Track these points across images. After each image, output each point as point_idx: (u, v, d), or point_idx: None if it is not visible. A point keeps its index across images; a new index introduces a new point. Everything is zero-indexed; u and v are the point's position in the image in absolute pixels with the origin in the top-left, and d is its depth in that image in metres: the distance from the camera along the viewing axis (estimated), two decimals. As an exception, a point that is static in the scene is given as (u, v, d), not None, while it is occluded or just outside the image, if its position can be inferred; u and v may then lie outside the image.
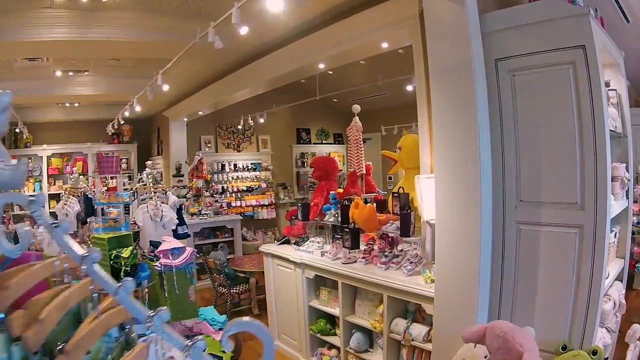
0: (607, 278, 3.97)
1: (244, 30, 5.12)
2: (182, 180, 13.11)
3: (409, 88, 8.65)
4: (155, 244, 5.07)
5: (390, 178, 14.09)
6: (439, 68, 4.13)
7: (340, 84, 11.27)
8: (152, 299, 4.82)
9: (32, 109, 13.61)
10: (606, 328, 4.49)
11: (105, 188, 12.52)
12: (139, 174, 12.78)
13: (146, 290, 5.14)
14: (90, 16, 6.87)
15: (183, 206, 11.36)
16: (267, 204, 15.15)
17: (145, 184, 6.91)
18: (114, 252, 4.42)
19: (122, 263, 4.36)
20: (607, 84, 4.69)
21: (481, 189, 3.80)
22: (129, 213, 7.09)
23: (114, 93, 11.38)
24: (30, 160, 14.06)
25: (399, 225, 5.11)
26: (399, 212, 5.15)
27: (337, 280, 5.67)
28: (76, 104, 13.40)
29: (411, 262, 5.00)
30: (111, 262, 4.38)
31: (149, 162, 8.10)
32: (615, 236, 4.96)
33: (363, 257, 5.59)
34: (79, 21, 6.87)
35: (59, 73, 9.92)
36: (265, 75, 8.45)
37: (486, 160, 3.86)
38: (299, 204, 6.85)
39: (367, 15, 5.86)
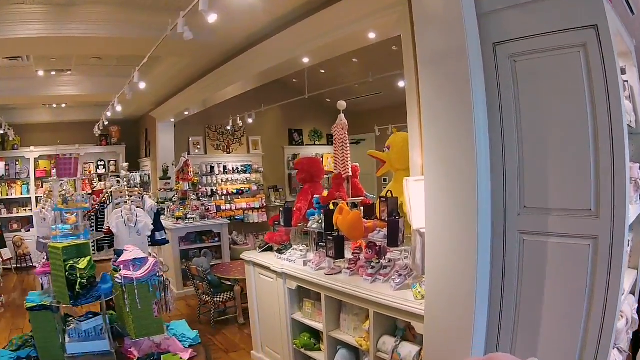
0: (622, 294, 3.40)
1: (212, 18, 4.70)
2: (169, 183, 12.80)
3: (401, 84, 8.17)
4: (119, 253, 4.58)
5: (385, 180, 13.68)
6: (428, 55, 3.57)
7: (333, 82, 10.83)
8: (119, 312, 4.52)
9: (18, 110, 13.61)
10: (618, 348, 3.95)
11: (90, 191, 12.26)
12: (109, 177, 12.59)
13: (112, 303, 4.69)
14: (65, 12, 6.56)
15: (169, 209, 11.01)
16: (258, 207, 14.95)
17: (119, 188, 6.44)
18: (70, 262, 3.97)
19: (78, 275, 3.89)
20: (623, 71, 4.12)
21: (478, 194, 3.23)
22: (102, 219, 6.64)
23: (98, 93, 11.16)
24: (17, 163, 14.12)
25: (387, 234, 4.56)
26: (386, 219, 4.60)
27: (321, 293, 5.17)
28: (63, 105, 13.27)
29: (400, 275, 4.46)
30: (66, 273, 3.91)
31: (124, 165, 7.63)
32: (627, 245, 4.37)
33: (348, 268, 5.07)
34: (54, 17, 6.58)
35: (41, 73, 9.77)
36: (251, 70, 8.10)
37: (484, 160, 3.29)
38: (281, 209, 6.44)
39: (351, 2, 5.43)
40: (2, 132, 11.61)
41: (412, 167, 4.72)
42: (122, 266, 4.06)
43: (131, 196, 6.28)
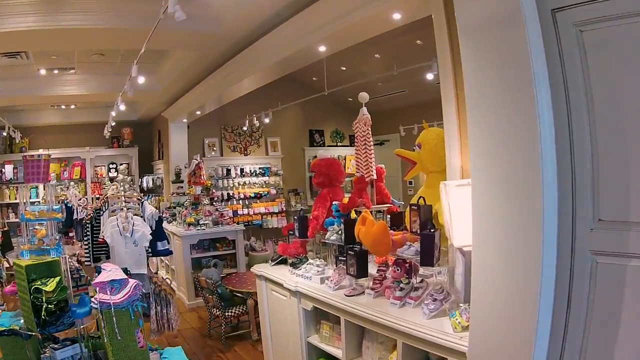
0: None
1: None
2: (182, 187, 12.35)
3: (429, 76, 7.54)
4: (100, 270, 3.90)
5: (410, 183, 13.04)
6: (472, 23, 2.84)
7: (355, 80, 10.16)
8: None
9: (26, 112, 13.42)
10: None
11: (97, 196, 11.71)
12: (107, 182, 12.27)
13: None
14: (60, 2, 6.24)
15: (181, 214, 10.39)
16: (277, 211, 14.53)
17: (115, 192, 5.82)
18: (36, 283, 3.36)
19: (44, 299, 3.24)
20: None
21: (544, 204, 2.48)
22: (98, 227, 6.04)
23: (104, 92, 10.77)
24: None
25: (419, 249, 3.82)
26: (419, 231, 3.85)
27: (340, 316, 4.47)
28: (72, 106, 13.07)
29: (434, 300, 3.70)
30: (31, 297, 3.25)
31: (122, 167, 7.05)
32: None
33: (372, 289, 4.33)
34: (48, 8, 6.24)
35: (43, 72, 9.59)
36: (264, 61, 7.56)
37: (550, 160, 2.52)
38: (295, 217, 5.78)
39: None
40: (4, 134, 11.44)
41: (449, 169, 4.04)
42: (98, 288, 3.36)
43: (128, 202, 5.60)
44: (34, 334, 3.41)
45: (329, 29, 5.81)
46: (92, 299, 3.37)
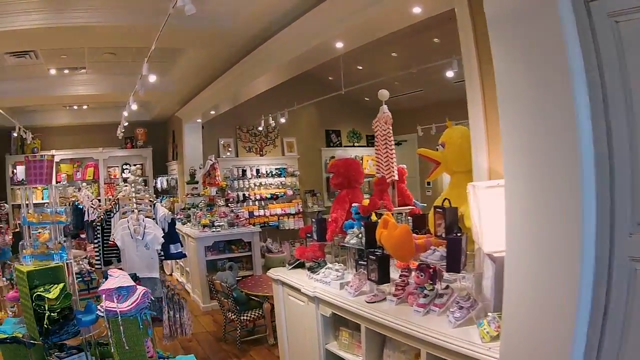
0: None
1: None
2: (196, 188, 12.25)
3: (449, 74, 7.37)
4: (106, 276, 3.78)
5: (428, 184, 12.88)
6: (502, 18, 2.68)
7: (371, 80, 10.03)
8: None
9: (38, 112, 13.40)
10: None
11: (110, 197, 11.64)
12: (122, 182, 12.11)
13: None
14: None
15: (195, 216, 10.29)
16: (293, 212, 14.39)
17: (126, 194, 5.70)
18: (39, 290, 3.18)
19: (47, 307, 3.09)
20: None
21: (582, 207, 2.31)
22: (109, 230, 5.92)
23: (116, 92, 10.75)
24: None
25: (444, 254, 3.67)
26: (444, 235, 3.70)
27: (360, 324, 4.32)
28: (85, 107, 13.06)
29: (460, 307, 3.53)
30: (33, 304, 3.11)
31: (133, 168, 6.92)
32: None
33: (395, 295, 4.17)
34: (54, 6, 6.12)
35: (53, 71, 9.48)
36: (279, 59, 7.43)
37: (588, 161, 2.35)
38: (313, 219, 5.63)
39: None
40: (15, 134, 11.37)
41: (475, 170, 3.89)
42: (104, 296, 3.22)
43: (140, 204, 5.47)
44: (37, 342, 3.29)
45: (346, 23, 5.67)
46: (99, 307, 3.24)
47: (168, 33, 5.54)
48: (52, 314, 3.17)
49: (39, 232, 3.80)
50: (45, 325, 3.15)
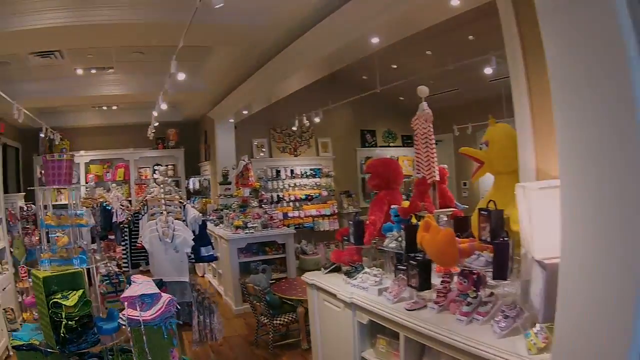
0: None
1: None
2: (229, 189, 12.12)
3: (488, 71, 7.24)
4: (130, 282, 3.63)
5: (464, 184, 12.62)
6: (554, 5, 2.48)
7: (405, 79, 9.87)
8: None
9: (67, 113, 13.50)
10: None
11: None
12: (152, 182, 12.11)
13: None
14: None
15: (228, 217, 10.18)
16: (328, 214, 14.29)
17: (154, 195, 5.57)
18: (56, 297, 3.03)
19: (64, 315, 2.94)
20: None
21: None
22: (137, 232, 5.82)
23: (145, 92, 10.70)
24: None
25: (489, 259, 3.47)
26: (489, 239, 3.50)
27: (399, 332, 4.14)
28: (114, 107, 13.08)
29: (506, 317, 3.33)
30: (49, 312, 2.97)
31: (162, 168, 6.80)
32: None
33: (436, 302, 3.98)
34: (77, 3, 6.02)
35: (80, 71, 9.46)
36: (313, 55, 7.27)
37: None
38: (350, 221, 5.47)
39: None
40: (42, 135, 11.26)
41: (522, 170, 3.69)
42: (126, 303, 3.06)
43: (169, 205, 5.34)
44: (54, 351, 3.15)
45: (382, 17, 5.49)
46: (121, 315, 3.09)
47: (197, 30, 5.45)
48: (70, 322, 3.04)
49: (57, 236, 3.66)
50: (62, 334, 3.01)
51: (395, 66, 11.20)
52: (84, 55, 8.53)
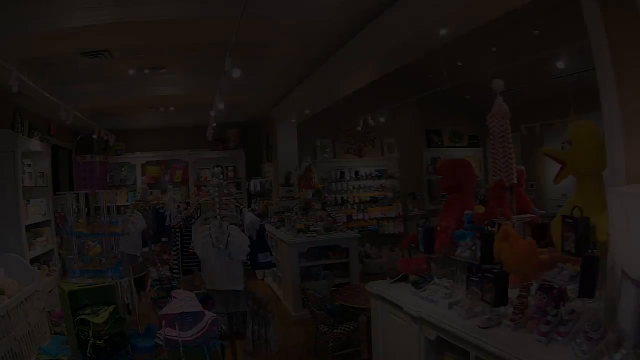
0: None
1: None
2: (291, 191, 12.07)
3: (560, 64, 6.97)
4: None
5: (532, 186, 12.10)
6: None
7: (471, 77, 9.63)
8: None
9: (123, 115, 13.46)
10: None
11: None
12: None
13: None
14: None
15: (290, 220, 9.99)
16: (393, 216, 14.01)
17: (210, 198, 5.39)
18: (84, 312, 2.81)
19: (91, 333, 2.70)
20: None
21: None
22: (189, 236, 5.67)
23: (202, 92, 10.52)
24: (123, 169, 14.26)
25: (573, 274, 3.16)
26: (574, 251, 3.16)
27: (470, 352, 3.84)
28: (172, 108, 12.89)
29: (589, 338, 3.01)
30: (75, 329, 2.74)
31: (216, 170, 6.63)
32: None
33: (512, 320, 3.66)
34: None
35: (132, 72, 9.36)
36: (376, 49, 6.96)
37: None
38: (420, 227, 5.17)
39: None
40: (95, 136, 11.25)
41: (610, 171, 3.36)
42: (164, 322, 2.80)
43: (224, 209, 5.14)
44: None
45: (450, 5, 5.18)
46: (158, 333, 2.82)
47: (252, 24, 5.32)
48: (99, 342, 2.79)
49: (88, 246, 3.40)
50: (88, 354, 2.76)
51: (460, 63, 10.91)
52: (135, 55, 8.48)
